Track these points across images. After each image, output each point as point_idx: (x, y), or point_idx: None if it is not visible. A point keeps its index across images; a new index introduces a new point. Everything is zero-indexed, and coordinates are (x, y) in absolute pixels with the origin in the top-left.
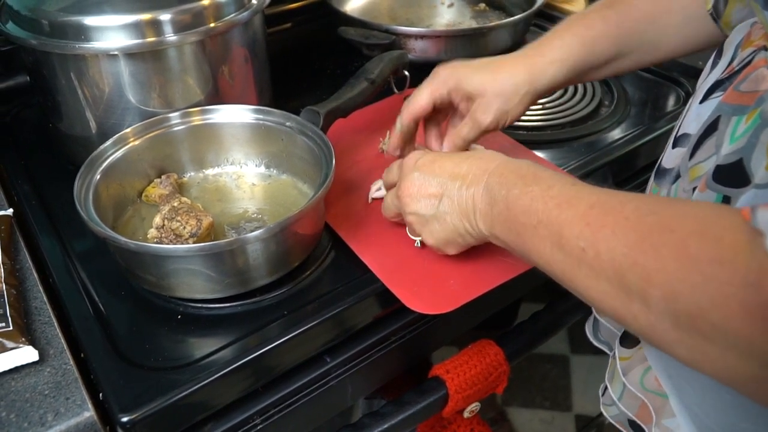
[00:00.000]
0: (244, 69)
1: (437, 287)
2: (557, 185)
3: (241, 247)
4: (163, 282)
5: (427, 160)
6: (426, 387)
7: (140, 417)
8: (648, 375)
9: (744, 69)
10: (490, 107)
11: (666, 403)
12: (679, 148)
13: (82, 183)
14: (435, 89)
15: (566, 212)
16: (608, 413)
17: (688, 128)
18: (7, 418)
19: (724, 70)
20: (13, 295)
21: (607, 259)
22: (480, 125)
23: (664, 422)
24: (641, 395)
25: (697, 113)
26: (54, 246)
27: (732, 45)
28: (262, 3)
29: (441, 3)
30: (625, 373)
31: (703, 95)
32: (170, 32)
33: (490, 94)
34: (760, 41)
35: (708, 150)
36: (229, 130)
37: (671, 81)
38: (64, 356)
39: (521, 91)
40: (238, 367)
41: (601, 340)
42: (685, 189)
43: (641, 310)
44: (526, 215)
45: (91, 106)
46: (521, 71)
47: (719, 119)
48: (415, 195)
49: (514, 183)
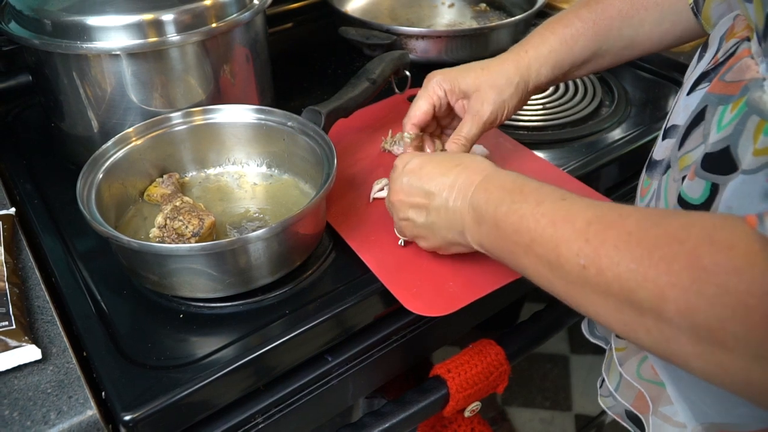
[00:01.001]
0: (245, 69)
1: (437, 289)
2: (546, 201)
3: (243, 246)
4: (166, 281)
5: (415, 165)
6: (427, 386)
7: (142, 415)
8: (644, 364)
9: (729, 60)
10: (487, 99)
11: (663, 392)
12: (668, 140)
13: (85, 182)
14: (432, 93)
15: (561, 229)
16: (605, 405)
17: (677, 119)
18: (11, 416)
19: (709, 62)
20: (16, 294)
21: (612, 276)
22: (480, 118)
23: (661, 410)
24: (638, 385)
25: (685, 104)
26: (56, 245)
27: (716, 37)
28: (263, 3)
29: (441, 3)
30: (622, 364)
31: (690, 87)
32: (172, 32)
33: (485, 86)
34: (744, 32)
35: (696, 139)
36: (230, 130)
37: (671, 81)
38: (66, 355)
39: (514, 82)
40: (239, 366)
41: (597, 335)
42: (675, 179)
43: (655, 326)
44: (518, 234)
45: (93, 105)
46: (509, 66)
47: (706, 109)
48: (405, 201)
49: (501, 199)
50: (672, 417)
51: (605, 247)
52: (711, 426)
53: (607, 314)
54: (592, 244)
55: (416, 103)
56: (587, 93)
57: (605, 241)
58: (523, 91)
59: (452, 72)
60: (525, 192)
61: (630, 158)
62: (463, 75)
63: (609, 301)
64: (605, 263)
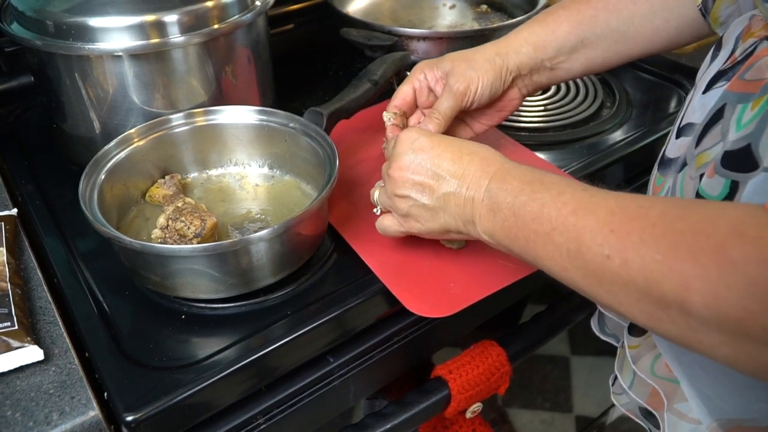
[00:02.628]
0: (247, 70)
1: (438, 290)
2: (568, 191)
3: (246, 247)
4: (168, 282)
5: (424, 143)
6: (428, 387)
7: (145, 416)
8: (658, 362)
9: (747, 59)
10: (462, 73)
11: (677, 389)
12: (683, 138)
13: (87, 183)
14: (413, 78)
15: (584, 219)
16: (618, 402)
17: (692, 118)
18: (13, 417)
19: (725, 61)
20: (18, 295)
21: (637, 267)
22: (454, 92)
23: (676, 406)
24: (652, 382)
25: (702, 103)
26: (58, 246)
27: (732, 37)
28: (265, 4)
29: (443, 4)
30: (635, 361)
31: (706, 85)
32: (174, 33)
33: (461, 63)
34: (762, 32)
35: (714, 137)
36: (232, 131)
37: (673, 83)
38: (68, 355)
39: (490, 58)
40: (241, 366)
41: (608, 333)
42: (692, 176)
43: (680, 317)
44: (537, 222)
45: (95, 106)
46: (489, 47)
47: (725, 107)
48: (408, 178)
49: (521, 189)
50: (687, 413)
51: (630, 238)
52: (726, 422)
53: (629, 305)
54: (617, 234)
55: (399, 88)
56: (588, 94)
57: (630, 233)
58: (500, 67)
59: (434, 59)
60: (545, 182)
61: (631, 160)
62: (444, 59)
63: (632, 292)
64: (631, 255)
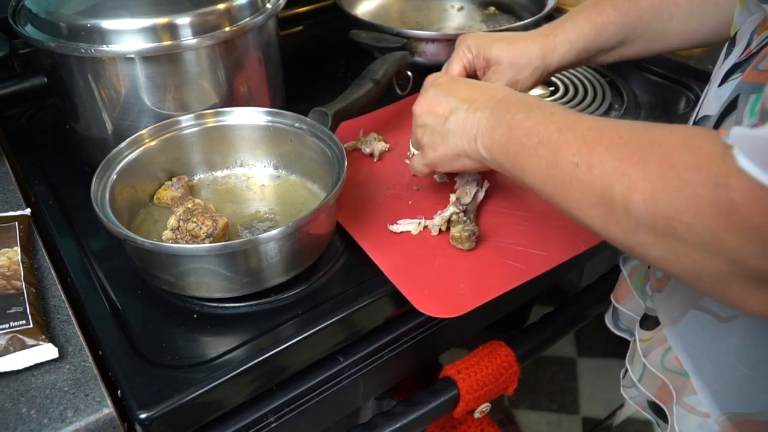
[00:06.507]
0: (258, 72)
1: (448, 290)
2: (559, 112)
3: (257, 246)
4: (180, 281)
5: (445, 80)
6: (437, 387)
7: (158, 414)
8: (668, 355)
9: (762, 50)
10: (504, 75)
11: (686, 382)
12: None
13: (99, 183)
14: (462, 56)
15: (566, 134)
16: (628, 395)
17: (708, 110)
18: (28, 414)
19: (740, 55)
20: (33, 294)
21: (597, 172)
22: None
23: (685, 399)
24: (662, 375)
25: (717, 95)
26: (71, 245)
27: (747, 32)
28: (276, 7)
29: (451, 6)
30: (646, 355)
31: (721, 79)
32: (186, 36)
33: (506, 62)
34: None
35: (728, 128)
36: (238, 132)
37: (681, 84)
38: (83, 354)
39: (533, 65)
40: (252, 366)
41: (622, 328)
42: None
43: (623, 218)
44: (527, 137)
45: (108, 108)
46: (535, 46)
47: (738, 98)
48: (427, 109)
49: (520, 108)
50: (696, 407)
51: (598, 149)
52: (735, 415)
53: (587, 210)
54: (588, 145)
55: (450, 67)
56: (596, 96)
57: (600, 144)
58: (539, 75)
59: (481, 39)
60: (543, 107)
61: None
62: (490, 45)
63: (589, 197)
64: (595, 161)
